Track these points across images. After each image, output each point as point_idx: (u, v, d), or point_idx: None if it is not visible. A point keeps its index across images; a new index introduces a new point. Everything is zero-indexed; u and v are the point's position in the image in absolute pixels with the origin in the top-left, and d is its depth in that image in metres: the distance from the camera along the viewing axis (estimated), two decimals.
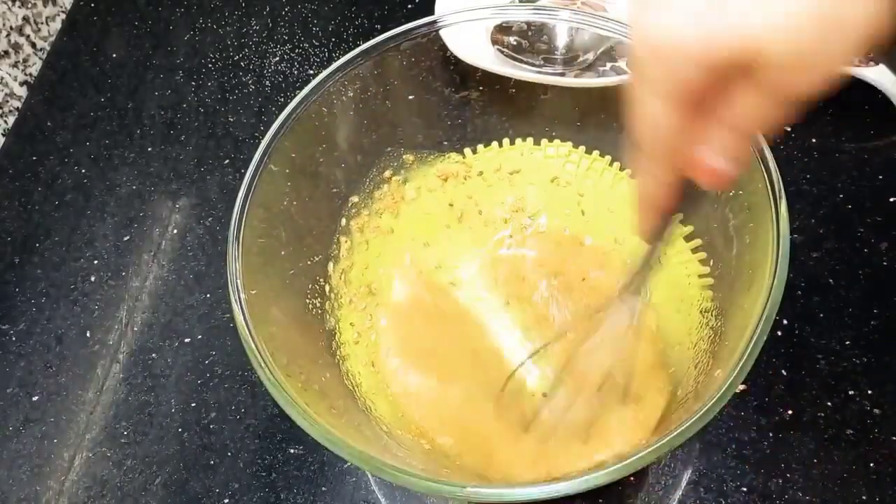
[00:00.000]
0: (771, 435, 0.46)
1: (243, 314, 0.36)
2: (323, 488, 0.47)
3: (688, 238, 0.45)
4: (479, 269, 0.49)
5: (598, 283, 0.47)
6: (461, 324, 0.47)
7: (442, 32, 0.45)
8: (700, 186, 0.29)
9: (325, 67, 0.43)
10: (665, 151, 0.28)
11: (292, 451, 0.48)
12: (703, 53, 0.24)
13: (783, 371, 0.48)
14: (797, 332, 0.49)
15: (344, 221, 0.48)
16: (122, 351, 0.54)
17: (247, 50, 0.68)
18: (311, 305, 0.44)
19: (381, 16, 0.69)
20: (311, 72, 0.66)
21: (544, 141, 0.50)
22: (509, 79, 0.50)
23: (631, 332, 0.38)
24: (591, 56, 0.53)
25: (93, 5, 0.73)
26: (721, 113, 0.26)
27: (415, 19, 0.44)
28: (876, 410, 0.46)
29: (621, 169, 0.49)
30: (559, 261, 0.49)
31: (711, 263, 0.43)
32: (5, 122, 0.66)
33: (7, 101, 0.67)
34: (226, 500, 0.47)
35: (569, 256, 0.48)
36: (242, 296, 0.37)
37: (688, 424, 0.32)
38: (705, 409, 0.32)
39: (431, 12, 0.60)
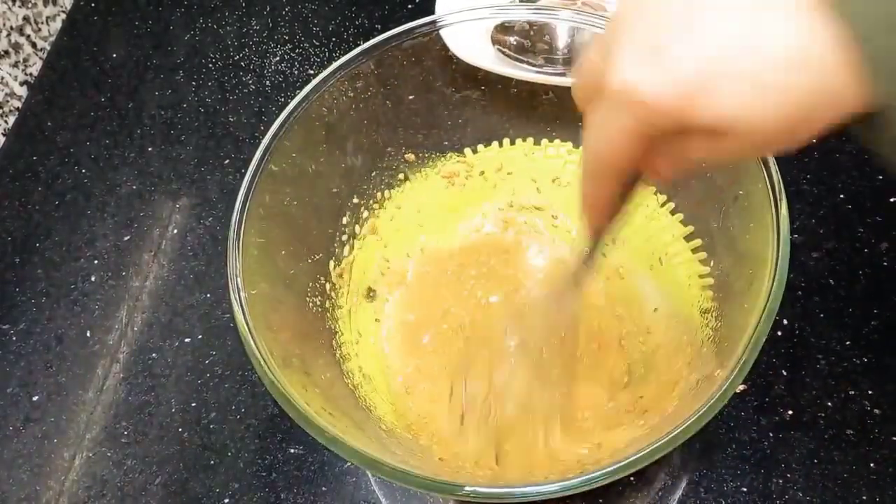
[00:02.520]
0: (771, 435, 0.46)
1: (243, 313, 0.36)
2: (323, 488, 0.47)
3: (688, 238, 0.45)
4: (481, 267, 0.49)
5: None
6: (462, 320, 0.47)
7: (442, 32, 0.45)
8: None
9: (326, 67, 0.43)
10: (616, 172, 0.30)
11: (292, 450, 0.48)
12: (679, 116, 0.26)
13: (783, 371, 0.48)
14: (797, 332, 0.49)
15: (345, 221, 0.48)
16: (123, 351, 0.54)
17: (247, 50, 0.68)
18: (311, 304, 0.44)
19: (381, 16, 0.69)
20: (312, 72, 0.66)
21: (545, 141, 0.50)
22: (510, 79, 0.50)
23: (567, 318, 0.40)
24: None
25: (93, 5, 0.73)
26: (673, 145, 0.28)
27: (415, 19, 0.44)
28: (876, 410, 0.46)
29: None
30: (560, 259, 0.49)
31: (712, 264, 0.43)
32: (5, 121, 0.66)
33: (7, 101, 0.67)
34: (226, 500, 0.47)
35: (569, 255, 0.48)
36: (242, 295, 0.37)
37: (688, 424, 0.32)
38: (705, 408, 0.32)
39: (432, 12, 0.60)
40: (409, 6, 0.69)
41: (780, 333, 0.49)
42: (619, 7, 0.29)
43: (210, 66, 0.68)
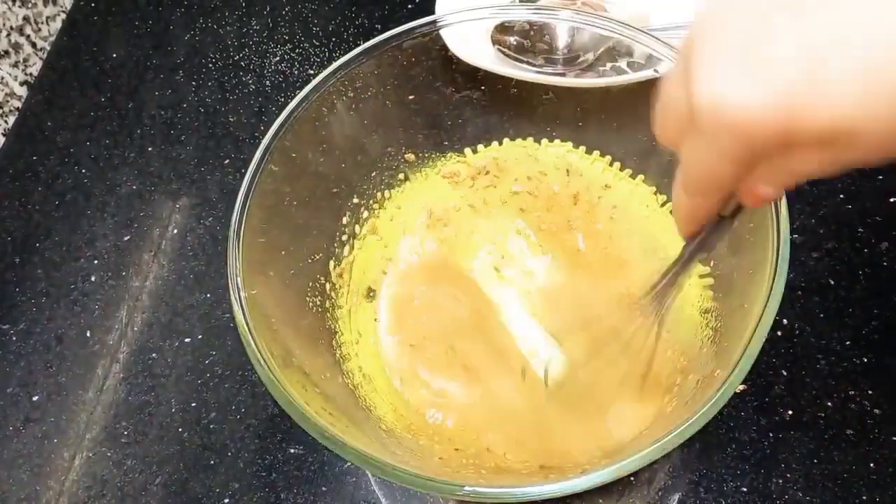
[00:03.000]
0: (771, 435, 0.46)
1: (243, 313, 0.36)
2: (323, 488, 0.47)
3: None
4: (481, 265, 0.49)
5: (597, 270, 0.47)
6: (463, 316, 0.47)
7: (442, 32, 0.45)
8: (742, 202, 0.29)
9: (326, 67, 0.43)
10: (715, 193, 0.28)
11: (292, 450, 0.48)
12: (784, 128, 0.22)
13: (783, 371, 0.48)
14: (797, 332, 0.49)
15: (345, 220, 0.48)
16: (123, 351, 0.54)
17: (247, 50, 0.68)
18: (311, 304, 0.44)
19: (381, 16, 0.69)
20: (312, 72, 0.66)
21: (545, 141, 0.50)
22: (510, 79, 0.50)
23: (653, 331, 0.38)
24: (591, 56, 0.53)
25: (93, 5, 0.73)
26: (779, 162, 0.25)
27: (415, 19, 0.44)
28: (876, 410, 0.46)
29: (621, 169, 0.49)
30: (560, 257, 0.49)
31: (712, 264, 0.43)
32: (5, 121, 0.66)
33: (7, 101, 0.67)
34: (226, 500, 0.47)
35: (568, 254, 0.48)
36: (243, 294, 0.37)
37: (688, 424, 0.32)
38: (705, 408, 0.32)
39: (432, 12, 0.60)
40: (409, 6, 0.69)
41: (780, 333, 0.49)
42: (695, 17, 0.24)
43: (210, 66, 0.68)
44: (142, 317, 0.55)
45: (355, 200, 0.48)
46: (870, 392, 0.46)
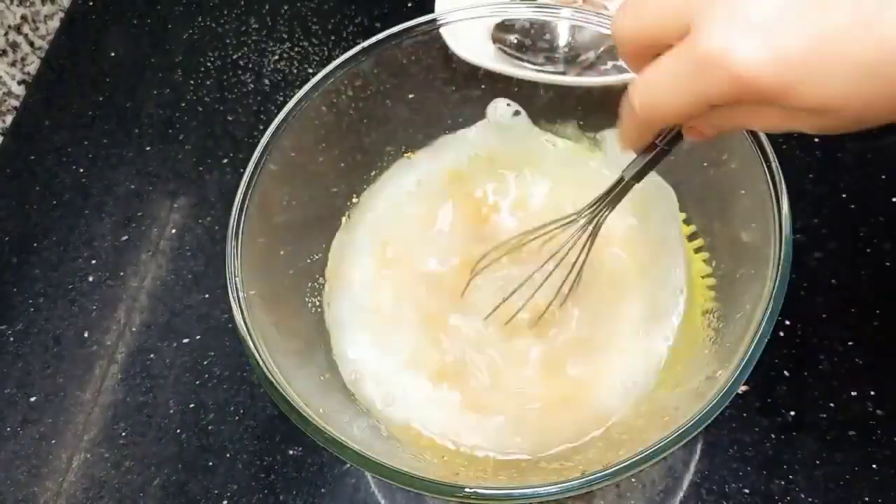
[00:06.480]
0: (773, 436, 0.46)
1: (242, 314, 0.36)
2: (322, 489, 0.47)
3: (690, 238, 0.45)
4: (480, 262, 0.49)
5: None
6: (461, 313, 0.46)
7: (442, 31, 0.45)
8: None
9: (325, 66, 0.43)
10: (669, 121, 0.30)
11: (291, 452, 0.48)
12: (774, 95, 0.24)
13: (785, 372, 0.47)
14: (799, 332, 0.49)
15: (344, 220, 0.47)
16: (121, 351, 0.53)
17: (246, 48, 0.68)
18: (310, 304, 0.44)
19: (380, 14, 0.68)
20: (311, 70, 0.66)
21: None
22: (510, 77, 0.50)
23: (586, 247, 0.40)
24: (592, 55, 0.53)
25: (91, 4, 0.73)
26: (735, 112, 0.26)
27: (415, 17, 0.44)
28: (879, 411, 0.46)
29: None
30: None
31: (714, 264, 0.43)
32: (3, 121, 0.66)
33: (5, 100, 0.66)
34: (224, 502, 0.47)
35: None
36: (241, 295, 0.37)
37: (689, 425, 0.31)
38: (707, 409, 0.32)
39: (431, 10, 0.59)
40: (409, 5, 0.68)
41: (782, 334, 0.49)
42: None
43: (209, 64, 0.67)
44: (140, 317, 0.55)
45: (355, 200, 0.48)
46: (872, 393, 0.46)
